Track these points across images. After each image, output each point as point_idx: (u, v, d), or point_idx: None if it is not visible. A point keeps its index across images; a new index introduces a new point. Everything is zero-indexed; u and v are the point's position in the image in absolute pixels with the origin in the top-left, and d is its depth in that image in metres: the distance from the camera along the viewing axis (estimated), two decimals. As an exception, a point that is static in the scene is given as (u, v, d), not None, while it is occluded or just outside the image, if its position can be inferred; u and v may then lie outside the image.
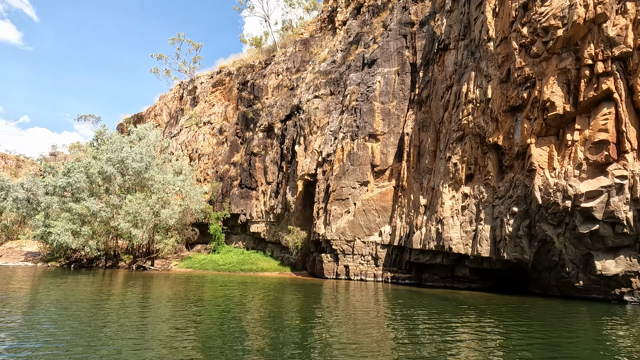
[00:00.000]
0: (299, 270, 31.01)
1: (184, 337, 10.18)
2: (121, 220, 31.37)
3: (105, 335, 10.15)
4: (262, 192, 37.72)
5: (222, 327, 11.12)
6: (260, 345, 9.18)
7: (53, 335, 9.75)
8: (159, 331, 10.71)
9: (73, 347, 8.56)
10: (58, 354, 7.99)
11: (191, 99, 52.92)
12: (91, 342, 9.22)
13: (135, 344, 9.22)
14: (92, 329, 10.91)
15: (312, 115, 30.80)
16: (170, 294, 18.64)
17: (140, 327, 11.34)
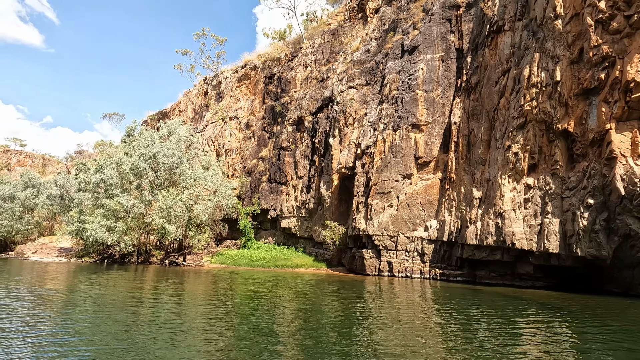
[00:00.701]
0: (334, 267, 30.06)
1: (224, 335, 9.59)
2: (155, 216, 31.03)
3: (144, 330, 9.79)
4: (292, 186, 36.87)
5: (265, 326, 10.60)
6: (301, 347, 8.56)
7: (92, 330, 9.80)
8: (200, 328, 10.37)
9: (112, 341, 8.62)
10: (97, 348, 8.07)
11: (216, 94, 52.42)
12: (130, 337, 9.07)
13: (172, 342, 8.81)
14: (131, 324, 10.58)
15: (347, 106, 29.61)
16: (207, 290, 17.95)
17: (180, 324, 10.87)
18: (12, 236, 56.26)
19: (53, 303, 14.85)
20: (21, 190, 58.57)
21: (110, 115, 78.24)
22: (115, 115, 78.34)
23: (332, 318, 11.83)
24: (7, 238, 56.70)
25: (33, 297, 14.91)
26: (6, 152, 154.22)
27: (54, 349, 8.01)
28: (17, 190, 57.83)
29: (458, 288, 19.26)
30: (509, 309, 13.08)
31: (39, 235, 58.35)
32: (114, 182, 35.71)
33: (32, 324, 10.45)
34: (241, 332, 10.07)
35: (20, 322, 10.70)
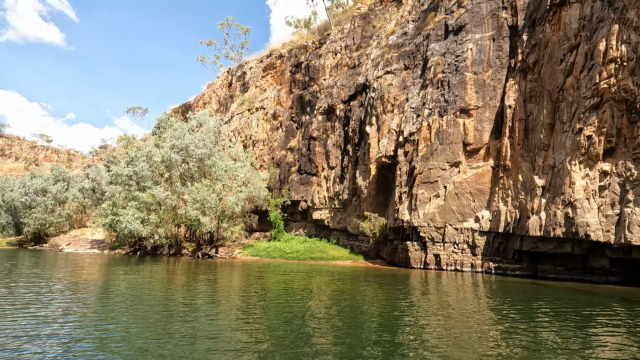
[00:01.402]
0: (372, 259, 28.99)
1: (264, 328, 9.10)
2: (189, 208, 30.57)
3: (186, 319, 9.50)
4: (324, 177, 35.80)
5: (310, 321, 10.10)
6: (347, 344, 8.04)
7: (133, 319, 9.76)
8: (242, 321, 10.02)
9: (150, 333, 8.50)
10: (134, 339, 7.97)
11: (241, 85, 51.56)
12: (170, 327, 8.92)
13: (214, 337, 8.25)
14: (172, 315, 10.24)
15: (385, 92, 28.14)
16: (245, 282, 17.17)
17: (225, 318, 10.32)
18: (46, 229, 57.51)
19: (96, 293, 14.36)
20: (52, 184, 59.66)
21: (133, 109, 78.73)
22: (138, 110, 78.84)
23: (380, 314, 11.01)
24: (40, 230, 58.02)
25: (76, 288, 14.46)
26: (34, 147, 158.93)
27: (101, 333, 8.35)
28: (48, 184, 58.92)
29: (517, 283, 17.89)
30: (585, 306, 11.74)
31: (70, 228, 59.51)
32: (145, 175, 35.46)
33: (75, 313, 10.52)
34: (284, 325, 9.53)
35: (64, 311, 10.70)
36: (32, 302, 12.14)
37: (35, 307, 11.20)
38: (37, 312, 10.50)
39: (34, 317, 10.07)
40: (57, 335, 8.27)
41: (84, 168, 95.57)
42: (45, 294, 13.51)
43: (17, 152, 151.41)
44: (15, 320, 9.68)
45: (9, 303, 11.88)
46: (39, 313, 10.34)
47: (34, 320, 9.67)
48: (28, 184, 57.26)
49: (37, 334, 8.42)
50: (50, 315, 10.24)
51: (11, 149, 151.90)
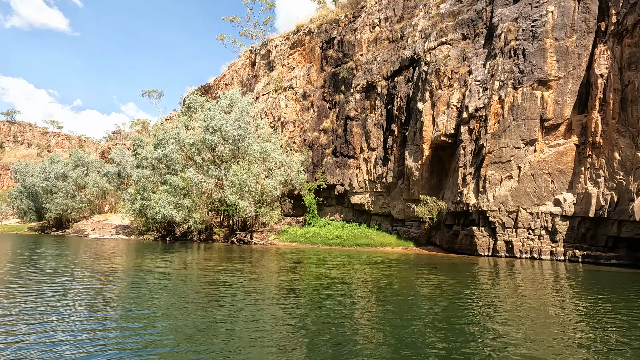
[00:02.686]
0: (423, 245, 27.03)
1: (321, 322, 7.94)
2: (228, 192, 28.63)
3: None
4: (363, 159, 33.57)
5: (377, 315, 8.78)
6: (421, 341, 6.95)
7: (176, 310, 8.85)
8: (305, 313, 8.79)
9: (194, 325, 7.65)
10: (173, 332, 7.29)
11: (265, 64, 48.82)
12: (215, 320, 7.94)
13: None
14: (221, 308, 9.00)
15: (440, 65, 25.51)
16: (295, 271, 15.19)
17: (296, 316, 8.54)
18: (67, 214, 56.34)
19: (140, 280, 12.83)
20: (72, 169, 58.18)
21: (149, 92, 76.39)
22: (154, 93, 76.47)
23: (455, 307, 9.46)
24: (62, 216, 56.88)
25: (120, 276, 12.63)
26: (45, 134, 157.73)
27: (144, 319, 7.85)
28: (68, 169, 57.43)
29: (613, 273, 15.83)
30: None
31: (91, 214, 58.32)
32: (175, 157, 33.51)
33: (123, 302, 9.70)
34: (354, 317, 8.42)
35: (110, 300, 9.86)
36: (83, 291, 10.75)
37: (86, 297, 9.85)
38: (90, 302, 8.78)
39: (87, 307, 8.96)
40: (105, 324, 7.70)
41: (99, 154, 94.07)
42: (95, 284, 11.76)
43: (30, 139, 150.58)
44: (70, 305, 9.08)
45: (60, 292, 10.23)
46: (94, 303, 8.60)
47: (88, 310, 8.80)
48: (48, 169, 55.82)
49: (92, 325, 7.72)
50: (98, 303, 9.48)
51: (23, 135, 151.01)
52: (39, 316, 8.10)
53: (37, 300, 9.51)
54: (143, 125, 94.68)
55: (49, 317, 8.09)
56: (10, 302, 9.36)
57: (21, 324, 7.61)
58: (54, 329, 7.29)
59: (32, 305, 9.03)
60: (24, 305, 9.13)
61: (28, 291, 10.47)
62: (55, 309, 8.70)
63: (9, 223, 77.70)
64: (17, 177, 60.17)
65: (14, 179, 66.53)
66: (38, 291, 10.54)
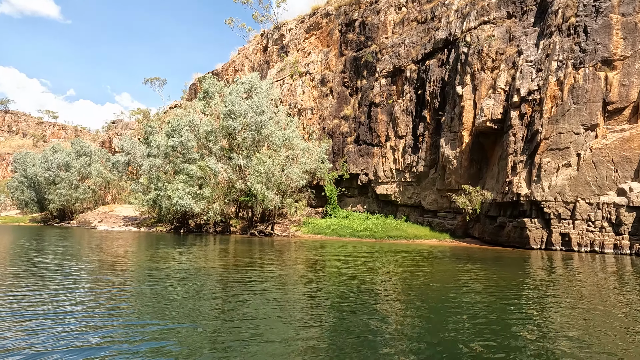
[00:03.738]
0: (460, 238, 25.53)
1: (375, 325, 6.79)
2: (253, 181, 26.73)
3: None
4: (390, 148, 31.79)
5: (435, 314, 7.64)
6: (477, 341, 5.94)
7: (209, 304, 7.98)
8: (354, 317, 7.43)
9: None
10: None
11: (279, 49, 46.43)
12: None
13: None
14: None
15: (483, 46, 23.62)
16: (331, 265, 13.60)
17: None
18: (71, 205, 54.06)
19: (165, 276, 11.17)
20: (75, 159, 55.71)
21: (151, 80, 73.45)
22: (156, 80, 73.55)
23: (515, 306, 8.14)
24: (66, 207, 54.58)
25: (142, 271, 10.83)
26: (40, 124, 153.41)
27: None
28: (71, 158, 54.95)
29: None
30: None
31: (95, 204, 56.09)
32: (191, 145, 31.45)
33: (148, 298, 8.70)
34: (413, 318, 7.39)
35: (136, 297, 8.76)
36: (106, 288, 9.17)
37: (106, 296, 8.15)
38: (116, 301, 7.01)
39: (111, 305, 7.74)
40: (133, 322, 6.78)
41: (100, 143, 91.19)
42: (123, 283, 10.01)
43: (24, 129, 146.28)
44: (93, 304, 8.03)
45: (87, 294, 8.49)
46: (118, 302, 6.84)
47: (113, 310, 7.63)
48: (50, 159, 53.28)
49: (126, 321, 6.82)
50: (127, 300, 8.42)
51: (18, 125, 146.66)
52: (67, 333, 6.29)
53: (59, 307, 7.67)
54: (144, 114, 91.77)
55: (82, 328, 6.30)
56: (28, 306, 7.55)
57: (52, 331, 5.89)
58: (87, 338, 5.99)
59: (58, 313, 7.20)
60: (49, 309, 7.34)
61: (49, 295, 8.61)
62: (88, 318, 6.93)
63: (8, 214, 75.07)
64: (17, 167, 57.52)
65: (13, 169, 63.82)
66: (60, 294, 8.69)
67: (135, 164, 39.10)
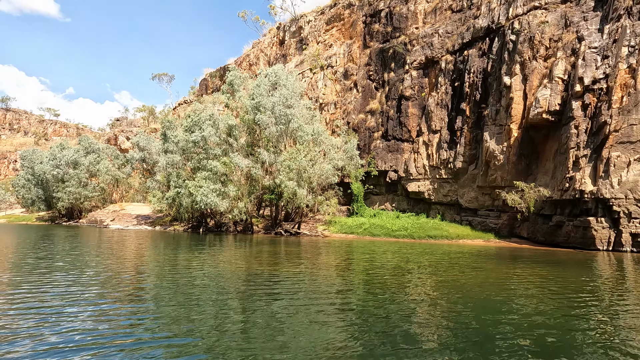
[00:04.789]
0: (506, 237, 23.91)
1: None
2: (284, 177, 24.98)
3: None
4: (423, 143, 30.09)
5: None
6: None
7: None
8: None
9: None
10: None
11: (297, 42, 44.60)
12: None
13: None
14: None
15: (535, 33, 21.92)
16: (385, 270, 11.84)
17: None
18: (80, 203, 52.19)
19: (205, 280, 9.73)
20: (83, 156, 53.82)
21: (159, 75, 71.36)
22: (164, 76, 71.50)
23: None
24: (74, 205, 52.71)
25: (170, 279, 8.99)
26: (42, 122, 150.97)
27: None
28: (79, 156, 53.07)
29: None
30: None
31: (104, 203, 54.22)
32: (213, 141, 29.67)
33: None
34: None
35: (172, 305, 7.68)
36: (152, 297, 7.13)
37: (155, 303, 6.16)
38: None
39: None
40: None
41: (105, 140, 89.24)
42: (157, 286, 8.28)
43: (26, 127, 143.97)
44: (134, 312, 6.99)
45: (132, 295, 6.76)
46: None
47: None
48: (59, 156, 51.36)
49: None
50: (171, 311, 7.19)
51: (19, 123, 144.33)
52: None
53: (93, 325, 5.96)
54: (150, 111, 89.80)
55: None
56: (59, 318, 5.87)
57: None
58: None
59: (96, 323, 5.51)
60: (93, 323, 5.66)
61: (82, 305, 6.87)
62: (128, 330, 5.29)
63: (13, 213, 73.03)
64: (24, 164, 55.53)
65: (20, 167, 61.85)
66: (90, 308, 6.95)
67: (151, 160, 37.24)
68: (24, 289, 8.66)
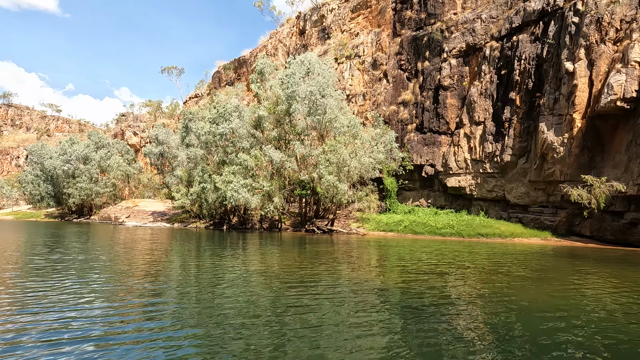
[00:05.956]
0: (564, 236, 22.13)
1: None
2: (323, 171, 23.09)
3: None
4: (464, 135, 28.19)
5: None
6: None
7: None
8: None
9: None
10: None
11: (319, 31, 42.49)
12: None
13: None
14: None
15: (604, 14, 20.00)
16: (457, 273, 10.10)
17: None
18: (91, 199, 50.26)
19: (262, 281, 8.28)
20: (94, 151, 51.81)
21: (168, 69, 69.11)
22: (173, 69, 69.25)
23: None
24: (85, 202, 50.77)
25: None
26: (44, 117, 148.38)
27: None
28: (90, 150, 51.07)
29: None
30: None
31: (115, 199, 52.29)
32: (242, 133, 27.74)
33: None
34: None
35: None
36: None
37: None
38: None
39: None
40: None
41: (112, 136, 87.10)
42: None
43: (28, 123, 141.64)
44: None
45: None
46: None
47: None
48: (69, 151, 49.34)
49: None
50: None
51: (21, 119, 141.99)
52: None
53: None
54: (157, 105, 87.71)
55: None
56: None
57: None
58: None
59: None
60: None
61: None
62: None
63: (20, 209, 71.01)
64: (32, 159, 53.47)
65: (28, 162, 59.83)
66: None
67: (170, 154, 35.28)
68: (98, 297, 6.79)
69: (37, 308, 6.58)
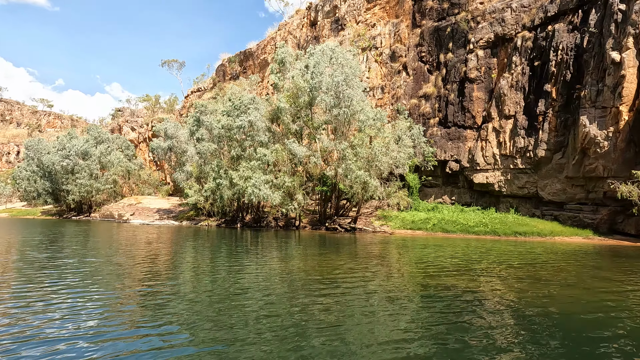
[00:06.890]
0: (606, 234, 21.03)
1: None
2: (353, 166, 21.60)
3: None
4: (493, 129, 26.93)
5: None
6: None
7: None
8: None
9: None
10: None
11: (332, 22, 40.83)
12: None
13: None
14: None
15: (655, -1, 18.82)
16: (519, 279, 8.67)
17: None
18: (91, 196, 48.04)
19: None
20: (94, 146, 49.51)
21: (168, 62, 66.77)
22: (174, 63, 66.92)
23: None
24: (85, 199, 48.51)
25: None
26: (35, 112, 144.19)
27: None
28: (89, 145, 48.77)
29: None
30: None
31: (115, 196, 50.12)
32: (260, 126, 26.10)
33: None
34: None
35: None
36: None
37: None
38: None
39: None
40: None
41: (109, 131, 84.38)
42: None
43: (19, 118, 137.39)
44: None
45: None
46: None
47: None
48: (68, 146, 47.00)
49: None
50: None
51: (12, 114, 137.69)
52: None
53: None
54: (154, 100, 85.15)
55: None
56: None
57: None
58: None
59: None
60: None
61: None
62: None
63: (14, 207, 68.13)
64: (29, 154, 50.95)
65: (24, 157, 57.13)
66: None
67: (179, 149, 33.43)
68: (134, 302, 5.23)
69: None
